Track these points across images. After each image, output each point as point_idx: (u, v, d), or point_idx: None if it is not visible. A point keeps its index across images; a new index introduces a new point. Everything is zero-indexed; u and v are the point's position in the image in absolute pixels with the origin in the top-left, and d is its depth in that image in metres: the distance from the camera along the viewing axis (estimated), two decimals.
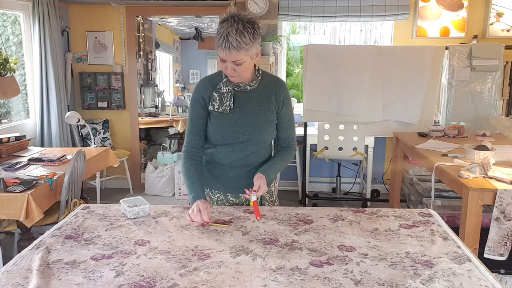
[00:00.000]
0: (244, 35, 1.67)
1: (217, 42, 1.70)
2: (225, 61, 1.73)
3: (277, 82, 1.95)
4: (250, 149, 1.89)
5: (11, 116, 4.17)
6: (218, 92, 1.84)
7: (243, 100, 1.86)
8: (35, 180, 2.57)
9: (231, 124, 1.85)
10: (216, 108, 1.83)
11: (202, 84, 1.90)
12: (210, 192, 1.99)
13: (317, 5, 4.53)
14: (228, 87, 1.83)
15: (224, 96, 1.83)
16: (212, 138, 1.88)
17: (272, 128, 1.93)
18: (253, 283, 1.22)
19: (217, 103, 1.83)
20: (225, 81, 1.84)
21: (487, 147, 2.63)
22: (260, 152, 1.92)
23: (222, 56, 1.72)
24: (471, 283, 1.22)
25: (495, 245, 2.22)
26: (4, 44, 3.98)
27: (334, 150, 4.29)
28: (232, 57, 1.70)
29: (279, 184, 4.77)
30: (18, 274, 1.28)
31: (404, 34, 4.65)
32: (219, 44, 1.69)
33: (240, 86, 1.84)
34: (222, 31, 1.68)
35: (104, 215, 1.75)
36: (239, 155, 1.88)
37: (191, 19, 6.62)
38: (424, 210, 1.80)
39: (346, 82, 4.10)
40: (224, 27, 1.68)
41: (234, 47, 1.67)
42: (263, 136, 1.89)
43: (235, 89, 1.84)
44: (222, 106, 1.83)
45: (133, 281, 1.24)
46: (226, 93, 1.83)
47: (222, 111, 1.83)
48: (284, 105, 1.93)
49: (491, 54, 4.04)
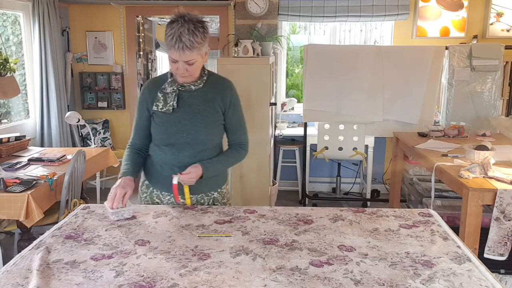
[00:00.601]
0: (196, 34, 1.69)
1: (169, 43, 1.70)
2: (177, 62, 1.73)
3: (224, 83, 1.94)
4: (196, 149, 1.88)
5: (11, 116, 4.17)
6: (162, 92, 1.84)
7: (187, 100, 1.86)
8: (35, 180, 2.57)
9: (174, 124, 1.85)
10: (160, 108, 1.84)
11: (147, 85, 1.91)
12: (161, 195, 1.97)
13: (317, 5, 4.53)
14: (173, 87, 1.84)
15: (168, 96, 1.83)
16: (157, 138, 1.90)
17: (218, 128, 1.92)
18: (253, 283, 1.22)
19: (161, 103, 1.84)
20: (170, 81, 1.84)
21: (487, 147, 2.63)
22: (208, 153, 1.91)
23: (174, 57, 1.72)
24: (471, 283, 1.22)
25: (495, 245, 2.22)
26: (4, 44, 3.98)
27: (334, 150, 4.29)
28: (186, 57, 1.71)
29: (279, 184, 4.77)
30: (18, 274, 1.27)
31: (404, 34, 4.65)
32: (172, 45, 1.69)
33: (185, 86, 1.84)
34: (173, 32, 1.68)
35: (104, 215, 1.75)
36: (186, 155, 1.88)
37: None
38: (424, 210, 1.80)
39: (346, 82, 4.10)
40: (175, 28, 1.68)
41: (187, 47, 1.68)
42: (209, 136, 1.89)
43: (180, 88, 1.85)
44: (165, 106, 1.83)
45: (133, 281, 1.24)
46: (171, 93, 1.83)
47: (166, 110, 1.83)
48: (232, 106, 1.92)
49: (491, 54, 4.04)
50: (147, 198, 1.99)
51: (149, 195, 1.98)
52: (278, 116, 4.90)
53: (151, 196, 1.98)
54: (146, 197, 1.99)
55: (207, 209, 1.82)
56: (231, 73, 3.23)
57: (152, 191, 1.98)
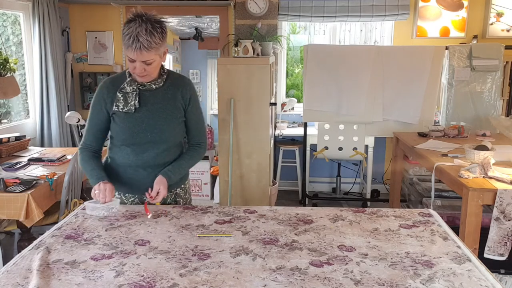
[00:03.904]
0: (154, 35, 1.69)
1: (126, 42, 1.69)
2: (134, 61, 1.73)
3: (184, 80, 1.96)
4: (160, 148, 1.88)
5: (11, 116, 4.17)
6: (122, 92, 1.82)
7: (148, 99, 1.85)
8: (35, 180, 2.57)
9: (137, 123, 1.83)
10: (121, 109, 1.81)
11: (104, 85, 1.87)
12: (124, 197, 1.95)
13: (317, 5, 4.53)
14: (133, 86, 1.82)
15: (128, 96, 1.81)
16: (119, 139, 1.87)
17: (180, 125, 1.93)
18: (253, 283, 1.22)
19: (122, 103, 1.81)
20: (129, 81, 1.82)
21: (487, 147, 2.63)
22: (171, 151, 1.92)
23: (132, 57, 1.72)
24: (471, 283, 1.22)
25: (495, 245, 2.22)
26: (4, 44, 3.98)
27: (334, 150, 4.29)
28: (143, 57, 1.70)
29: (279, 184, 4.77)
30: (18, 274, 1.27)
31: (404, 34, 4.65)
32: (129, 45, 1.69)
33: (145, 85, 1.83)
34: (130, 31, 1.67)
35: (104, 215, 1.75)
36: (150, 154, 1.87)
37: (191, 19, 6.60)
38: (424, 210, 1.80)
39: (346, 82, 4.10)
40: (132, 27, 1.68)
41: (145, 47, 1.68)
42: (172, 134, 1.90)
43: (140, 88, 1.83)
44: (127, 106, 1.81)
45: (133, 281, 1.24)
46: (131, 92, 1.82)
47: (127, 110, 1.81)
48: (191, 103, 1.93)
49: (491, 54, 4.04)
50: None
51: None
52: (278, 116, 4.90)
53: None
54: None
55: (207, 209, 1.83)
56: (231, 73, 3.24)
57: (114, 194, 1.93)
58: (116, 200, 1.72)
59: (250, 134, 3.30)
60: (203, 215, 1.75)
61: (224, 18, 4.73)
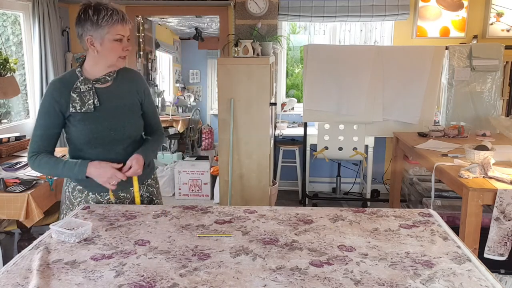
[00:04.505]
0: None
1: (110, 21, 1.68)
2: (122, 39, 1.73)
3: (134, 73, 1.96)
4: (124, 144, 1.87)
5: (11, 116, 4.17)
6: (76, 92, 1.75)
7: (105, 97, 1.81)
8: (35, 180, 2.57)
9: (99, 122, 1.79)
10: (78, 109, 1.75)
11: (53, 87, 1.77)
12: (99, 196, 1.91)
13: (317, 5, 4.53)
14: (88, 85, 1.77)
15: (84, 95, 1.76)
16: (81, 142, 1.81)
17: (140, 119, 1.93)
18: (253, 283, 1.22)
19: (78, 104, 1.75)
20: (82, 79, 1.77)
21: (487, 147, 2.63)
22: (134, 146, 1.91)
23: (123, 33, 1.73)
24: (471, 283, 1.22)
25: (495, 245, 2.22)
26: (4, 44, 3.98)
27: (334, 150, 4.29)
28: (127, 31, 1.73)
29: (279, 184, 4.77)
30: (18, 274, 1.27)
31: (404, 34, 4.65)
32: (117, 20, 1.69)
33: (99, 81, 1.80)
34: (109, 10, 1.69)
35: (104, 215, 1.75)
36: (116, 152, 1.85)
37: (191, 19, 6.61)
38: (424, 210, 1.80)
39: (346, 82, 4.10)
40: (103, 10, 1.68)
41: (127, 19, 1.72)
42: (134, 129, 1.89)
43: (95, 85, 1.80)
44: (84, 106, 1.76)
45: (133, 281, 1.24)
46: (87, 91, 1.76)
47: (86, 110, 1.76)
48: (146, 96, 1.94)
49: (491, 54, 4.04)
50: (82, 203, 1.90)
51: (84, 199, 1.91)
52: (278, 116, 4.90)
53: (86, 200, 1.91)
54: (81, 201, 1.90)
55: (207, 209, 1.82)
56: (231, 73, 3.24)
57: (88, 195, 1.91)
58: (88, 225, 1.55)
59: (250, 134, 3.30)
60: (203, 215, 1.75)
61: (224, 18, 4.73)
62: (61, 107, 1.76)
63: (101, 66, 1.80)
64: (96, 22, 1.68)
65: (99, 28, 1.69)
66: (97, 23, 1.68)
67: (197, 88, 8.90)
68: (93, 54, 1.76)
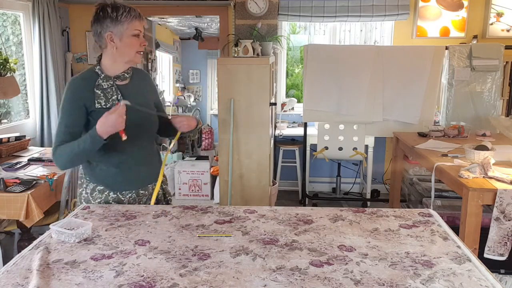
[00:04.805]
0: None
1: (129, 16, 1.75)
2: (139, 34, 1.79)
3: (143, 72, 2.06)
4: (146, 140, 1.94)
5: (11, 116, 4.17)
6: (99, 88, 1.80)
7: (126, 93, 1.86)
8: (35, 180, 2.57)
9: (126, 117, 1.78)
10: (103, 105, 1.78)
11: (75, 84, 1.80)
12: (120, 195, 1.91)
13: (317, 5, 4.53)
14: (109, 81, 1.82)
15: (107, 92, 1.80)
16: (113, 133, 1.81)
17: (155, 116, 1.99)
18: (253, 283, 1.22)
19: (103, 100, 1.79)
20: (103, 77, 1.81)
21: (487, 147, 2.63)
22: (153, 141, 2.00)
23: (140, 28, 1.79)
24: (471, 283, 1.22)
25: (495, 245, 2.22)
26: (4, 44, 3.98)
27: (334, 150, 4.29)
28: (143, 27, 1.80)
29: (279, 184, 4.77)
30: (18, 274, 1.27)
31: (404, 34, 4.65)
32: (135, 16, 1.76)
33: (120, 77, 1.85)
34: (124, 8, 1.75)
35: (104, 215, 1.75)
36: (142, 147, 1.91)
37: (191, 19, 6.61)
38: (424, 210, 1.80)
39: (346, 82, 4.10)
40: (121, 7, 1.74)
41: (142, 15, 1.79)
42: (153, 124, 1.97)
43: (116, 83, 1.84)
44: (109, 102, 1.80)
45: (133, 281, 1.24)
46: (109, 87, 1.81)
47: (111, 105, 1.79)
48: (156, 93, 2.05)
49: (491, 54, 4.04)
50: (101, 203, 1.90)
51: (104, 200, 1.91)
52: (278, 116, 4.90)
53: (106, 200, 1.91)
54: (100, 202, 1.90)
55: (207, 209, 1.83)
56: (231, 73, 3.24)
57: (108, 195, 1.90)
58: (88, 225, 1.54)
59: (250, 134, 3.30)
60: (203, 215, 1.75)
61: (224, 18, 4.73)
62: (85, 102, 1.78)
63: (119, 62, 1.84)
64: (115, 18, 1.74)
65: (119, 24, 1.75)
66: (117, 19, 1.74)
67: (197, 88, 8.90)
68: (112, 50, 1.80)
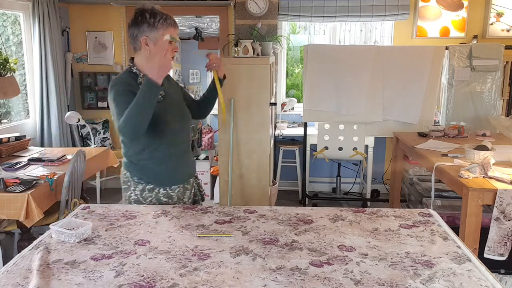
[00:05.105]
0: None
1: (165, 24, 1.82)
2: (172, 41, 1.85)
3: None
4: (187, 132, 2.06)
5: (11, 116, 4.17)
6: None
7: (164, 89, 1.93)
8: (35, 180, 2.57)
9: (167, 111, 1.91)
10: None
11: (122, 80, 1.87)
12: (170, 190, 1.97)
13: (317, 5, 4.53)
14: None
15: None
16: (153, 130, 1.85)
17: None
18: (253, 283, 1.22)
19: None
20: (143, 75, 1.87)
21: (487, 147, 2.63)
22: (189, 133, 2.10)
23: (174, 35, 1.85)
24: (471, 283, 1.22)
25: (495, 245, 2.22)
26: (4, 44, 3.98)
27: (334, 150, 4.29)
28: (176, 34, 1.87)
29: (279, 184, 4.77)
30: (18, 274, 1.27)
31: (404, 34, 4.65)
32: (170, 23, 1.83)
33: None
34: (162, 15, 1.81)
35: (104, 215, 1.75)
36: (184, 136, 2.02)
37: (191, 19, 6.61)
38: (424, 210, 1.80)
39: (346, 82, 4.09)
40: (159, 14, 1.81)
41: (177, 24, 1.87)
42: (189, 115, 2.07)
43: None
44: None
45: (133, 281, 1.24)
46: None
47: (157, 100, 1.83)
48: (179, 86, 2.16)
49: (491, 54, 4.04)
50: (152, 201, 1.96)
51: (154, 197, 1.96)
52: (278, 116, 4.90)
53: (157, 197, 1.96)
54: (151, 201, 1.96)
55: (207, 209, 1.83)
56: (231, 73, 3.23)
57: (158, 192, 1.96)
58: (88, 225, 1.55)
59: (250, 134, 3.29)
60: (203, 215, 1.75)
61: (224, 18, 4.73)
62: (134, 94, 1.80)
63: None
64: (152, 24, 1.81)
65: (155, 30, 1.82)
66: (154, 25, 1.81)
67: (197, 88, 8.89)
68: (145, 53, 1.86)
